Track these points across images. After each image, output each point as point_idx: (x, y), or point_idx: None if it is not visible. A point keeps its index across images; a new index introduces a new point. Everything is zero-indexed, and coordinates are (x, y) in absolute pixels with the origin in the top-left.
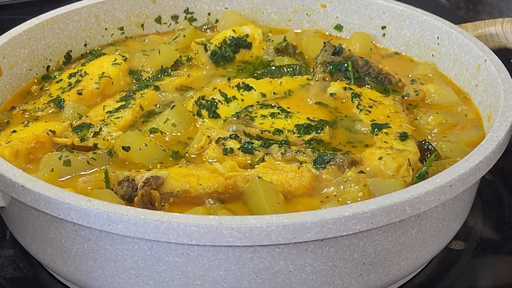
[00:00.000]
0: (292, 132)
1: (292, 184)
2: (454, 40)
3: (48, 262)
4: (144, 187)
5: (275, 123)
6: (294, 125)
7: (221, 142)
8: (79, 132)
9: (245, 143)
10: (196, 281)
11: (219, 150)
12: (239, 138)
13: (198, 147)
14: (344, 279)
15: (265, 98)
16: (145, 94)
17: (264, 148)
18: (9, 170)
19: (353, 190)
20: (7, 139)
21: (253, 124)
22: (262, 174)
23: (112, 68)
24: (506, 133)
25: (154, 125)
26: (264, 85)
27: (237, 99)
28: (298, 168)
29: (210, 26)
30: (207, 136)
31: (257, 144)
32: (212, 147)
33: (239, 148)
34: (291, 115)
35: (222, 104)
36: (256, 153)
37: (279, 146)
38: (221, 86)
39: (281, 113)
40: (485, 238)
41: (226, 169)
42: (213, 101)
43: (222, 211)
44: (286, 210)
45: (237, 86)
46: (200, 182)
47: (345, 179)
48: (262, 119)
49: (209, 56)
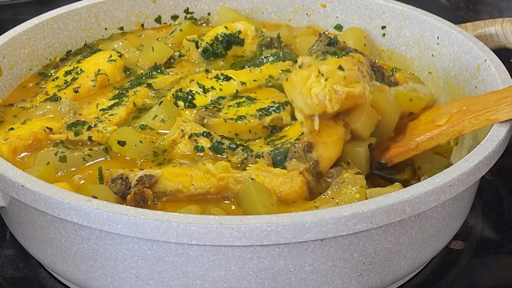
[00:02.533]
0: (254, 116)
1: (282, 190)
2: (454, 40)
3: (48, 262)
4: (137, 186)
5: (239, 111)
6: (256, 109)
7: (193, 138)
8: (73, 129)
9: (216, 143)
10: (196, 281)
11: (190, 147)
12: (211, 137)
13: (171, 139)
14: (344, 279)
15: (245, 87)
16: (138, 92)
17: (231, 150)
18: (9, 170)
19: (350, 192)
20: (4, 136)
21: (218, 115)
22: (255, 176)
23: (108, 65)
24: (506, 133)
25: (143, 121)
26: (244, 74)
27: (215, 88)
28: (288, 172)
29: (206, 20)
30: (181, 130)
31: (226, 145)
32: (185, 142)
33: (209, 147)
34: (256, 101)
35: (200, 94)
36: (224, 155)
37: (242, 150)
38: (198, 77)
39: (246, 101)
40: (485, 238)
41: (218, 170)
42: (190, 92)
43: (216, 209)
44: (280, 211)
45: (216, 77)
46: (193, 182)
47: (342, 181)
48: (227, 109)
49: (201, 53)
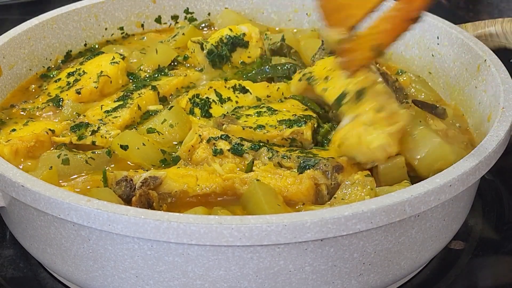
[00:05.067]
0: (274, 127)
1: (289, 190)
2: (454, 40)
3: (48, 262)
4: (142, 187)
5: (259, 120)
6: (277, 120)
7: (212, 142)
8: (77, 131)
9: (235, 145)
10: (196, 281)
11: (209, 150)
12: (229, 139)
13: (189, 145)
14: (344, 279)
15: (259, 103)
16: (143, 94)
17: (253, 150)
18: (9, 170)
19: (360, 194)
20: (6, 137)
21: (237, 122)
22: (260, 177)
23: (110, 67)
24: (506, 133)
25: (151, 125)
26: (261, 89)
27: (231, 100)
28: (298, 175)
29: (207, 24)
30: (199, 135)
31: (247, 146)
32: (203, 146)
33: (229, 149)
34: (277, 112)
35: (216, 104)
36: (245, 156)
37: (267, 150)
38: (217, 85)
39: (267, 111)
40: (485, 238)
41: (224, 170)
42: (207, 100)
43: (222, 211)
44: (287, 212)
45: (233, 88)
46: (198, 182)
47: (352, 182)
48: (246, 118)
49: (206, 55)
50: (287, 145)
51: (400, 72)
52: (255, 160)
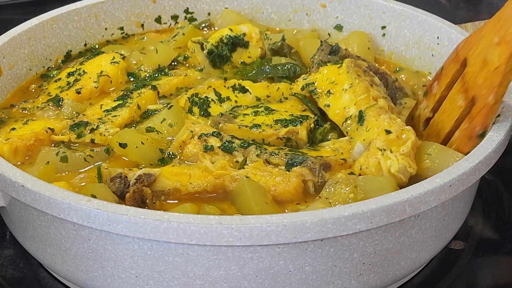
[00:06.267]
0: (270, 126)
1: (277, 188)
2: (454, 40)
3: (48, 262)
4: (136, 184)
5: (255, 119)
6: (274, 119)
7: (203, 138)
8: (76, 130)
9: (226, 142)
10: (196, 281)
11: (200, 146)
12: (220, 136)
13: (180, 141)
14: (344, 279)
15: (258, 103)
16: (143, 94)
17: (243, 148)
18: (9, 170)
19: (344, 192)
20: (6, 136)
21: (233, 121)
22: (251, 175)
23: (110, 67)
24: (506, 133)
25: (150, 124)
26: (261, 89)
27: (230, 100)
28: (286, 173)
29: (207, 24)
30: (190, 130)
31: (237, 144)
32: (194, 142)
33: (219, 146)
34: (274, 112)
35: (215, 103)
36: (235, 153)
37: (256, 148)
38: (217, 85)
39: (264, 111)
40: (485, 238)
41: (216, 167)
42: (206, 99)
43: (210, 207)
44: (274, 210)
45: (233, 87)
46: (190, 180)
47: (335, 181)
48: (243, 117)
49: (206, 55)
50: (282, 144)
51: (398, 69)
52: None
